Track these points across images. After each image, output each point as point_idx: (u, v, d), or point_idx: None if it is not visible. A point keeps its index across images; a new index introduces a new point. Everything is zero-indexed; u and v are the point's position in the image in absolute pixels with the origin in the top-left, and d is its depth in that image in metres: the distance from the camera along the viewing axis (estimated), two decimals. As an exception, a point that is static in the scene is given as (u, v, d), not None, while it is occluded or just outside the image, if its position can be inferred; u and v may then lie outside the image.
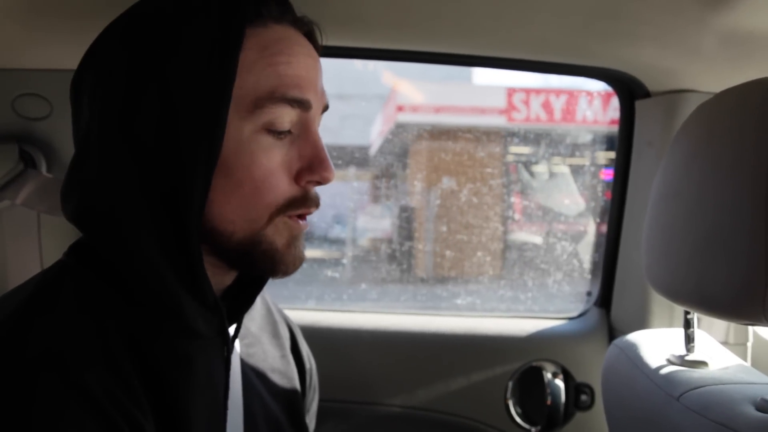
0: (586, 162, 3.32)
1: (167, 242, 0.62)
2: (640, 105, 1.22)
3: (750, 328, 1.23)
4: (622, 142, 1.27)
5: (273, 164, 0.64)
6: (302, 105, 0.66)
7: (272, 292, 0.93)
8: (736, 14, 0.89)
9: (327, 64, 0.74)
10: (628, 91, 1.22)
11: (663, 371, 0.80)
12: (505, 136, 4.08)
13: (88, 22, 0.66)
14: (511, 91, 5.11)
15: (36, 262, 1.10)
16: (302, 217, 0.69)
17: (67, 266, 0.65)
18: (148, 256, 0.61)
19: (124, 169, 0.62)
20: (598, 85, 1.43)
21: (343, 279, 3.61)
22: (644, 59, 1.09)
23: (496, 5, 0.93)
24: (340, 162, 2.75)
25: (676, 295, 0.73)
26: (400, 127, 4.90)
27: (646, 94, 1.18)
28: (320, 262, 3.78)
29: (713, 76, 1.07)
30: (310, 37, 0.71)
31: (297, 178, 0.66)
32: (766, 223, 0.59)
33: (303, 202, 0.67)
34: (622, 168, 1.28)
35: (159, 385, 0.61)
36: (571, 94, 4.76)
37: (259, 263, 0.67)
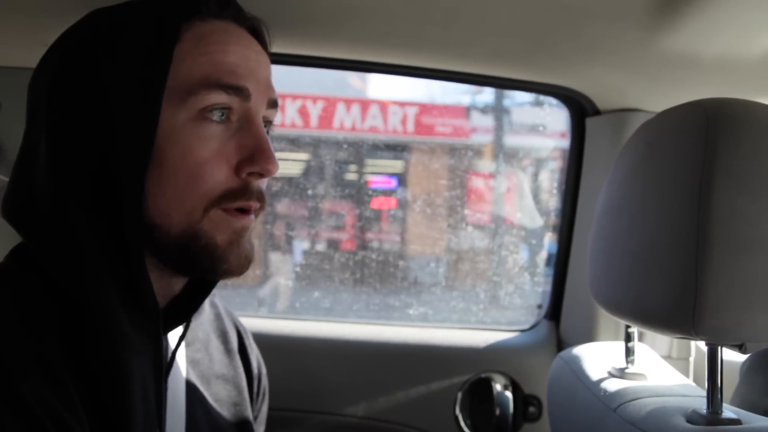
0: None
1: (105, 241, 0.61)
2: (590, 122, 1.25)
3: (692, 343, 1.27)
4: (573, 158, 1.30)
5: (208, 153, 0.64)
6: (239, 92, 0.65)
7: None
8: (676, 38, 0.93)
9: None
10: (579, 108, 1.25)
11: (603, 383, 0.82)
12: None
13: (37, 19, 0.66)
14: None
15: None
16: (245, 212, 0.67)
17: (8, 269, 0.64)
18: (82, 258, 0.61)
19: (67, 170, 0.61)
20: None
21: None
22: (594, 78, 1.11)
23: (450, 19, 0.94)
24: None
25: (616, 308, 0.75)
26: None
27: (596, 111, 1.21)
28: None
29: (657, 96, 1.10)
30: (256, 33, 0.72)
31: (237, 169, 0.65)
32: (697, 239, 0.61)
33: (242, 194, 0.65)
34: (573, 183, 1.30)
35: (97, 393, 0.60)
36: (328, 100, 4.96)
37: (200, 260, 0.66)
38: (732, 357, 1.20)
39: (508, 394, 1.31)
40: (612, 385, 0.80)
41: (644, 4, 0.85)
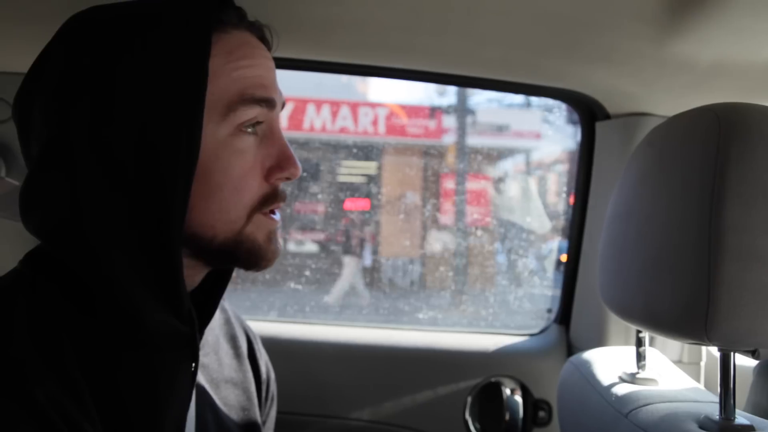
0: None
1: (143, 254, 0.61)
2: (600, 126, 1.24)
3: (703, 347, 1.26)
4: (583, 162, 1.29)
5: (247, 164, 0.67)
6: (269, 104, 0.68)
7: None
8: (692, 43, 0.92)
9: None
10: (589, 112, 1.25)
11: (614, 389, 0.81)
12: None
13: (51, 23, 0.66)
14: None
15: None
16: (273, 212, 0.71)
17: (23, 276, 0.64)
18: (119, 269, 0.61)
19: (95, 182, 0.61)
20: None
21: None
22: (605, 82, 1.11)
23: (460, 23, 0.94)
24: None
25: (626, 313, 0.75)
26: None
27: (606, 116, 1.21)
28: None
29: (668, 101, 1.10)
30: (264, 40, 0.73)
31: (267, 176, 0.69)
32: (710, 244, 0.60)
33: (274, 199, 0.70)
34: (583, 187, 1.30)
35: (119, 399, 0.61)
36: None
37: (243, 260, 0.70)
38: (743, 362, 1.20)
39: (518, 398, 1.31)
40: (623, 390, 0.79)
41: (656, 9, 0.85)
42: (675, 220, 0.65)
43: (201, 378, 0.79)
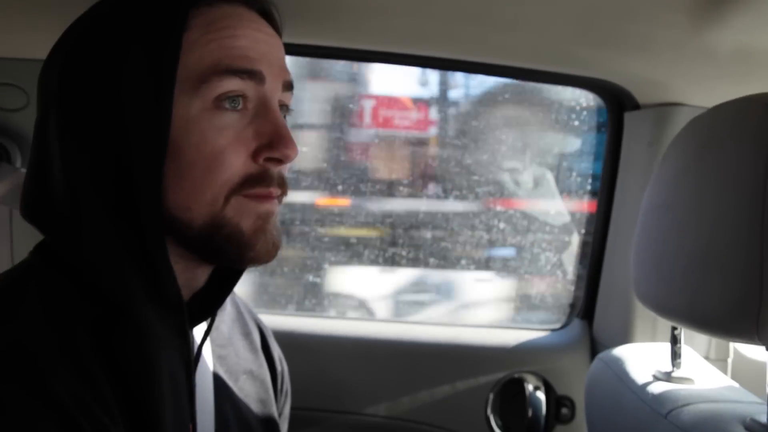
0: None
1: (128, 238, 0.60)
2: (629, 117, 1.21)
3: (731, 344, 1.23)
4: (610, 153, 1.26)
5: (225, 141, 0.61)
6: (253, 76, 0.63)
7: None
8: (728, 31, 0.89)
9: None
10: (618, 102, 1.21)
11: (649, 387, 0.79)
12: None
13: (67, 10, 0.64)
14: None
15: (7, 259, 1.06)
16: (267, 198, 0.65)
17: (33, 266, 0.63)
18: (105, 254, 0.60)
19: (81, 166, 0.60)
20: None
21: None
22: (635, 71, 1.08)
23: (489, 11, 0.92)
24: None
25: (666, 310, 0.72)
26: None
27: (636, 106, 1.18)
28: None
29: (704, 91, 1.07)
30: (266, 15, 0.69)
31: (255, 155, 0.63)
32: (762, 240, 0.58)
33: (261, 180, 0.63)
34: (609, 179, 1.27)
35: (128, 389, 0.59)
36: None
37: (226, 249, 0.64)
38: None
39: (541, 395, 1.29)
40: (660, 390, 0.77)
41: None
42: (723, 215, 0.63)
43: (219, 369, 0.78)
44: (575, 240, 1.51)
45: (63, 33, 0.65)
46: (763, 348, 0.62)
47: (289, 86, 0.68)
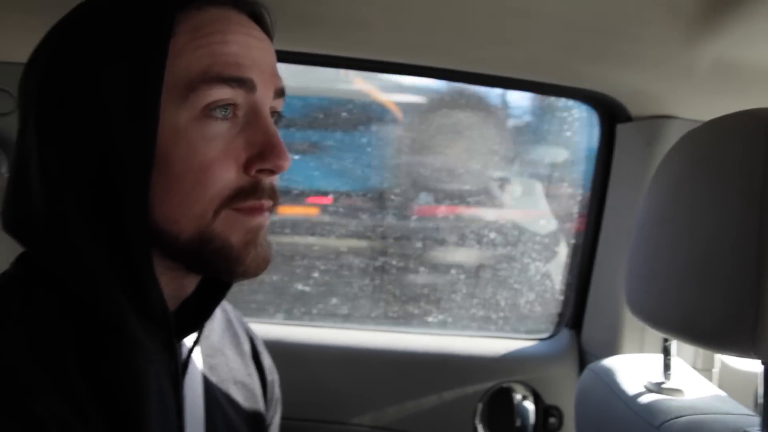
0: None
1: (111, 251, 0.58)
2: (621, 129, 1.22)
3: (716, 355, 1.24)
4: (601, 165, 1.27)
5: (215, 153, 0.59)
6: (243, 84, 0.60)
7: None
8: (719, 46, 0.90)
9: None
10: (610, 114, 1.22)
11: (641, 399, 0.79)
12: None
13: (56, 12, 0.63)
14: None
15: None
16: (258, 211, 0.63)
17: (14, 279, 0.61)
18: (89, 267, 0.58)
19: (63, 176, 0.58)
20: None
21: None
22: (628, 84, 1.09)
23: (485, 23, 0.92)
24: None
25: (659, 322, 0.72)
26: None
27: (628, 118, 1.18)
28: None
29: (697, 104, 1.08)
30: (257, 18, 0.67)
31: (246, 167, 0.61)
32: (758, 254, 0.58)
33: (253, 193, 0.61)
34: (600, 191, 1.28)
35: (114, 405, 0.58)
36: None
37: (214, 263, 0.62)
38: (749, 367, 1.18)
39: (529, 404, 1.29)
40: (651, 401, 0.77)
41: (688, 11, 0.83)
42: (719, 229, 0.63)
43: (209, 380, 0.77)
44: (563, 250, 1.52)
45: (45, 36, 0.62)
46: (750, 359, 0.62)
47: (280, 93, 0.66)
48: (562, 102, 1.47)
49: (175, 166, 0.58)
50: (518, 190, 1.73)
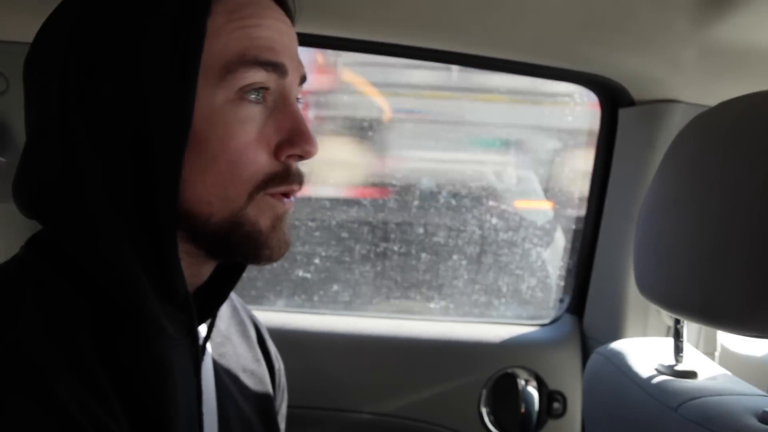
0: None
1: (138, 232, 0.57)
2: (623, 113, 1.22)
3: (718, 337, 1.25)
4: (602, 149, 1.27)
5: (249, 136, 0.60)
6: (277, 69, 0.61)
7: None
8: (725, 29, 0.90)
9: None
10: (612, 98, 1.22)
11: (655, 381, 0.79)
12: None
13: None
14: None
15: None
16: (286, 195, 0.64)
17: (27, 263, 0.60)
18: (115, 249, 0.57)
19: (87, 154, 0.57)
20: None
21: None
22: (631, 67, 1.09)
23: (488, 5, 0.91)
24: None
25: (672, 304, 0.72)
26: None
27: (630, 102, 1.18)
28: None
29: (700, 88, 1.07)
30: (282, 4, 0.67)
31: (277, 152, 0.61)
32: None
33: (285, 179, 0.62)
34: (601, 175, 1.28)
35: (135, 391, 0.57)
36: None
37: (241, 248, 0.62)
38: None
39: (533, 390, 1.29)
40: (666, 383, 0.77)
41: None
42: (735, 210, 0.63)
43: (220, 367, 0.76)
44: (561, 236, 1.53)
45: (79, 18, 0.60)
46: (752, 341, 0.62)
47: (303, 80, 0.67)
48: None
49: (210, 147, 0.58)
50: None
